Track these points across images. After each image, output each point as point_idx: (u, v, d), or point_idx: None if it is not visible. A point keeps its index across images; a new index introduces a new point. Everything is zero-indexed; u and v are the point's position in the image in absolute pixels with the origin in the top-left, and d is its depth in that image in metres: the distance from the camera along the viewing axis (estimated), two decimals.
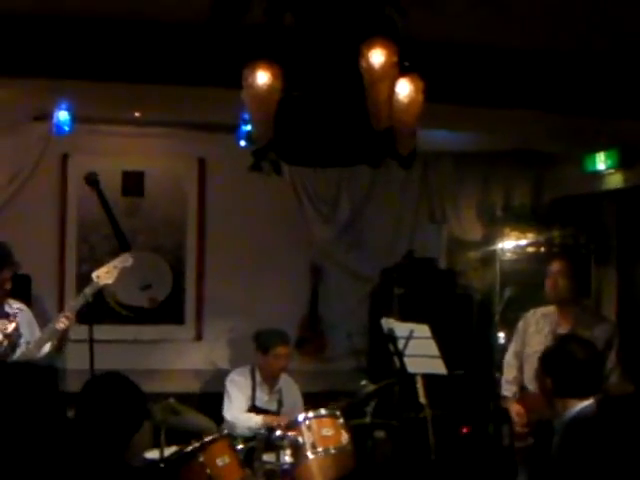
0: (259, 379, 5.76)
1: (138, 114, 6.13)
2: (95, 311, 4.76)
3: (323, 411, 5.03)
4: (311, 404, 5.39)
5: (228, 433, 5.05)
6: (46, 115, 5.94)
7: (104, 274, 4.78)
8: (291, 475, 4.79)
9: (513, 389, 5.21)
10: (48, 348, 4.72)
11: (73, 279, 6.51)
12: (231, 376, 5.82)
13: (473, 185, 7.29)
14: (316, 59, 3.22)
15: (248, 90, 3.24)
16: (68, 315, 4.68)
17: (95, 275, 4.78)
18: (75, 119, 5.79)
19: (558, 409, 3.53)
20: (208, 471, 4.56)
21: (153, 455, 4.79)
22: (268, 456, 4.85)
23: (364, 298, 7.11)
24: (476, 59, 4.93)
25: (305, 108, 3.29)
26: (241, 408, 5.65)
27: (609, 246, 6.80)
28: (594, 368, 3.58)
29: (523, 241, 6.84)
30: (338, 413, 5.04)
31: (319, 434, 4.90)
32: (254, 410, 5.65)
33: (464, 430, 6.37)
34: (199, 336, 6.85)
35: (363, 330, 6.95)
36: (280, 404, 5.73)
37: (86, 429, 3.19)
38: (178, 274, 6.81)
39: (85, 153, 6.46)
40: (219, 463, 4.62)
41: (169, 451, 4.68)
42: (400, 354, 5.13)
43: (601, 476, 3.25)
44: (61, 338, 4.72)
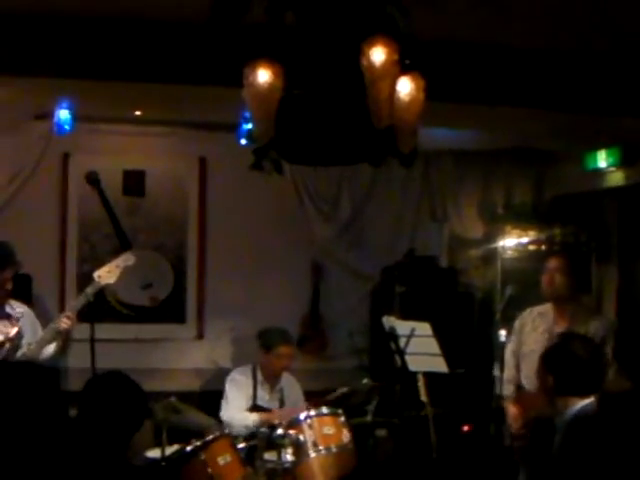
0: (260, 378, 5.74)
1: (139, 113, 6.13)
2: (96, 310, 4.75)
3: (324, 409, 5.02)
4: (311, 401, 5.40)
5: (229, 432, 5.05)
6: (47, 114, 5.93)
7: (106, 274, 4.76)
8: (292, 474, 4.78)
9: (511, 388, 5.22)
10: (52, 349, 4.72)
11: (74, 278, 6.50)
12: (232, 375, 5.80)
13: (474, 183, 7.29)
14: (317, 57, 3.21)
15: (249, 89, 3.23)
16: (69, 315, 4.66)
17: (97, 275, 4.76)
18: (76, 118, 5.79)
19: (559, 407, 3.53)
20: (209, 470, 4.55)
21: (154, 454, 4.78)
22: (269, 455, 4.83)
23: (365, 296, 7.11)
24: (477, 57, 4.94)
25: (306, 107, 3.28)
26: (240, 407, 5.61)
27: (610, 244, 6.79)
28: (596, 366, 3.58)
29: (524, 239, 6.83)
30: (339, 411, 5.04)
31: (320, 432, 4.90)
32: (255, 409, 5.63)
33: (465, 428, 6.37)
34: (200, 335, 6.84)
35: (364, 328, 6.96)
36: (282, 403, 5.73)
37: (88, 428, 3.19)
38: (179, 273, 6.80)
39: (86, 152, 6.44)
40: (220, 462, 4.61)
41: (170, 450, 4.67)
42: (401, 352, 5.13)
43: (603, 474, 3.25)
44: (65, 339, 4.71)
